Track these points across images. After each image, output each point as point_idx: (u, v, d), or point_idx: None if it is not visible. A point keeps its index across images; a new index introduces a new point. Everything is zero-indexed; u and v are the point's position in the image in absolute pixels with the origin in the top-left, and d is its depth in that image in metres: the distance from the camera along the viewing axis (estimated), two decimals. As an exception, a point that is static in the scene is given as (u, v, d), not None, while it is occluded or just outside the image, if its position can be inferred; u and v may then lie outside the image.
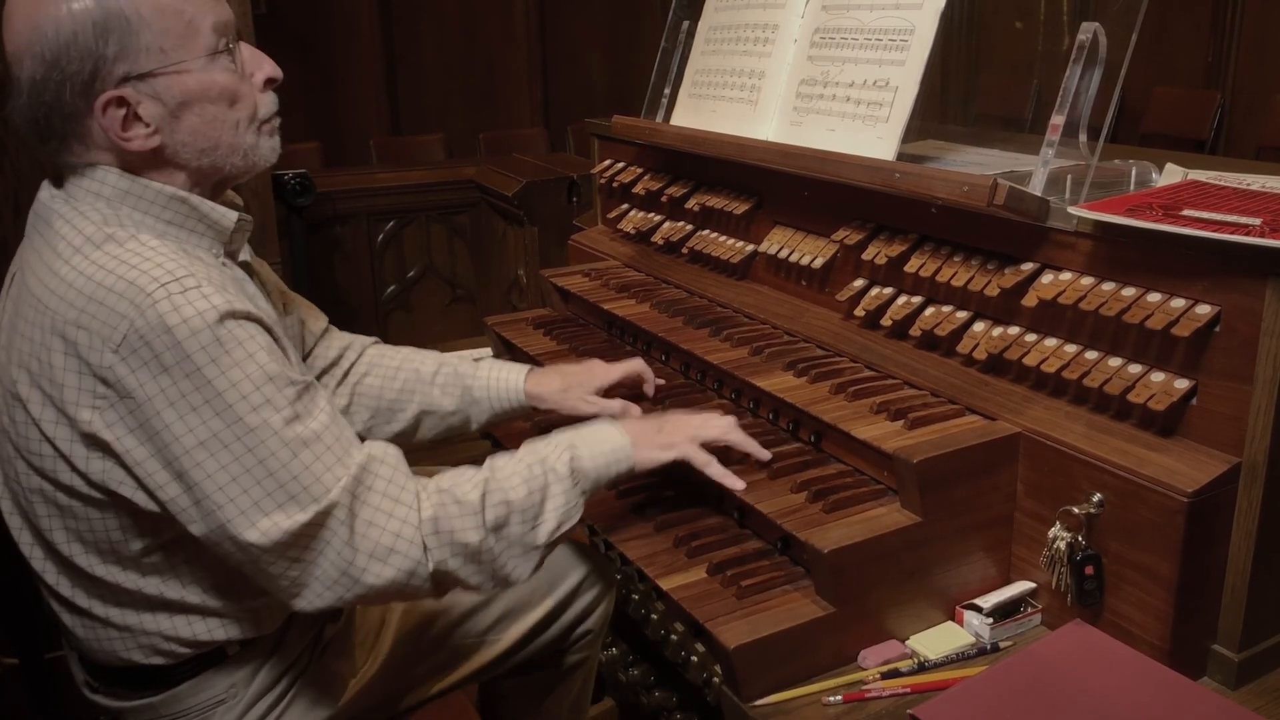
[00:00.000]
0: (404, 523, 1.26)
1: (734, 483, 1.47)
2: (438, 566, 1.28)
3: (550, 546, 1.38)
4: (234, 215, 1.33)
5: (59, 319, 1.17)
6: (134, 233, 1.23)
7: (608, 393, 1.75)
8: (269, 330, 1.25)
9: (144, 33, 1.20)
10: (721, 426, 1.52)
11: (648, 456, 1.47)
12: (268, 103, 1.35)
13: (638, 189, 2.31)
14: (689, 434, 1.49)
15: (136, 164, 1.26)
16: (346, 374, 1.73)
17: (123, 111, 1.22)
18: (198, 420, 1.16)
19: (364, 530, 1.24)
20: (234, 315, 1.19)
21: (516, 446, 1.85)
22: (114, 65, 1.19)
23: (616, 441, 1.45)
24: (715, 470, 1.48)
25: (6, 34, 1.21)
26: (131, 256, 1.19)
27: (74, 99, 1.20)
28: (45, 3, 1.18)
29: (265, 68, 1.35)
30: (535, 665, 1.78)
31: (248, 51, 1.33)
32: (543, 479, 1.36)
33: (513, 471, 1.36)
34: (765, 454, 1.52)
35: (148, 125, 1.23)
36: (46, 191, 1.29)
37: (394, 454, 1.31)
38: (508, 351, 2.19)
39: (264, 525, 1.19)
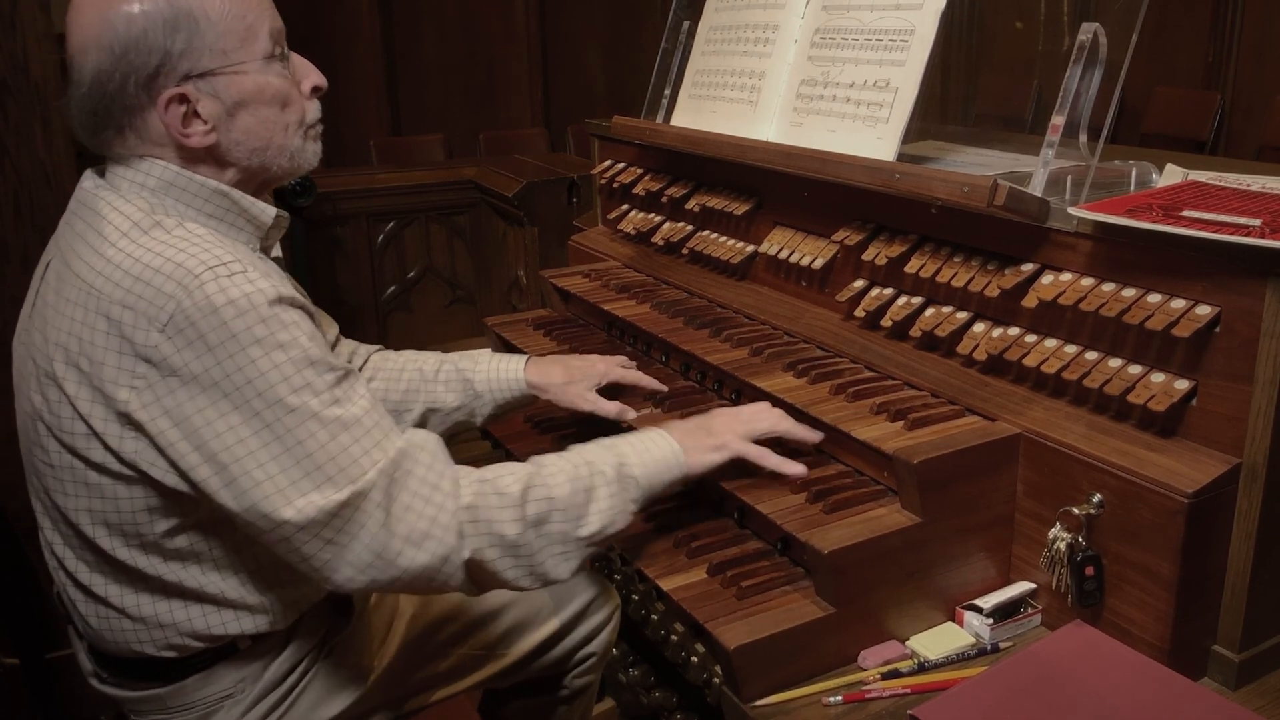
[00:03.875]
0: (440, 508, 1.26)
1: (794, 469, 1.45)
2: (473, 555, 1.28)
3: (593, 548, 1.37)
4: (272, 211, 1.37)
5: (105, 299, 1.20)
6: (180, 221, 1.26)
7: (607, 392, 1.75)
8: (311, 316, 1.28)
9: (209, 32, 1.25)
10: (772, 418, 1.51)
11: (700, 460, 1.45)
12: (314, 109, 1.40)
13: (638, 189, 2.31)
14: (740, 431, 1.48)
15: (189, 159, 1.30)
16: None
17: (184, 108, 1.26)
18: (241, 399, 1.18)
19: (400, 514, 1.24)
20: (280, 300, 1.21)
21: (515, 446, 1.87)
22: (179, 62, 1.24)
23: (667, 448, 1.43)
24: (772, 461, 1.46)
25: (74, 28, 1.25)
26: (179, 241, 1.22)
27: (137, 91, 1.24)
28: (117, 0, 1.22)
29: (312, 76, 1.40)
30: (538, 685, 1.78)
31: (296, 60, 1.38)
32: (589, 480, 1.35)
33: (558, 469, 1.35)
34: (816, 435, 1.52)
35: (205, 122, 1.28)
36: (90, 180, 1.32)
37: (434, 441, 1.31)
38: (508, 352, 2.19)
39: (300, 504, 1.19)
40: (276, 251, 1.43)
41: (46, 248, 1.38)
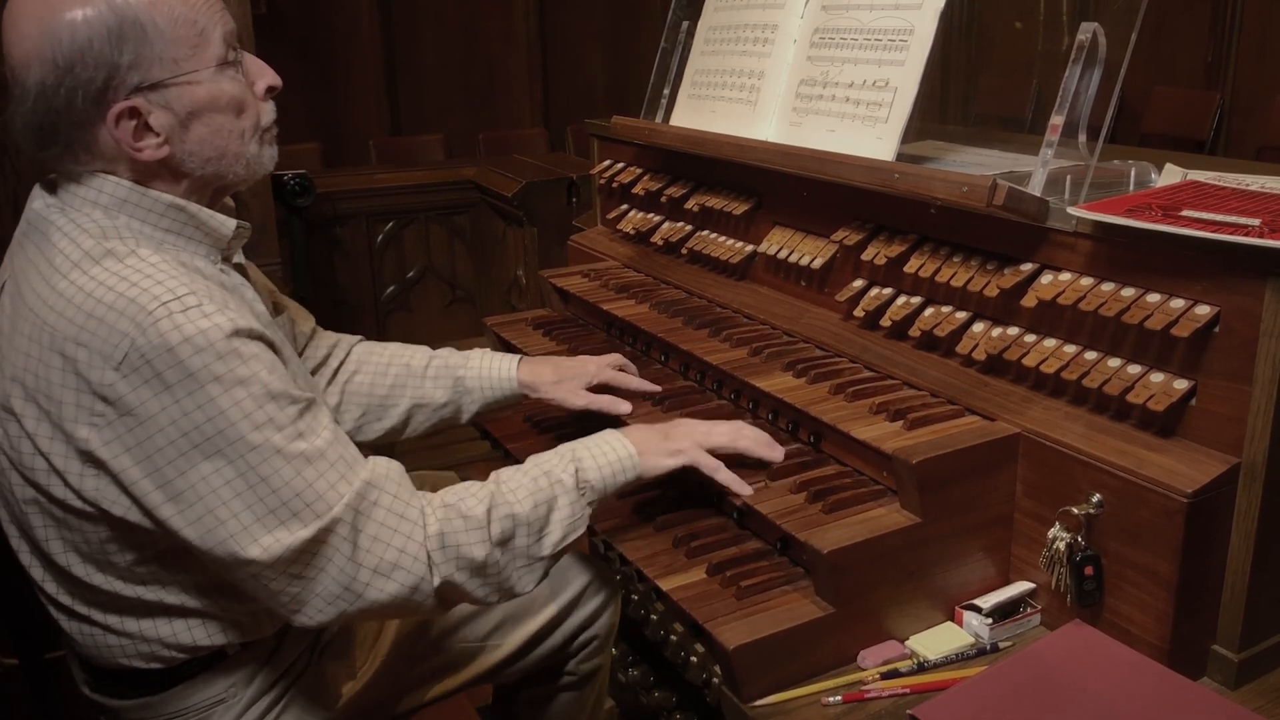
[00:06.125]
0: (408, 539, 1.25)
1: (741, 489, 1.45)
2: (444, 581, 1.28)
3: (556, 558, 1.37)
4: (232, 223, 1.33)
5: (58, 336, 1.16)
6: (133, 247, 1.22)
7: (598, 391, 1.75)
8: (271, 345, 1.25)
9: (158, 42, 1.20)
10: (729, 432, 1.50)
11: (654, 464, 1.46)
12: (268, 111, 1.36)
13: (637, 189, 2.31)
14: (695, 439, 1.48)
15: (141, 173, 1.25)
16: (336, 373, 1.73)
17: (134, 122, 1.21)
18: (202, 437, 1.16)
19: (368, 546, 1.23)
20: (237, 333, 1.18)
21: (514, 445, 1.87)
22: (127, 74, 1.19)
23: (622, 450, 1.44)
24: (724, 476, 1.46)
25: (12, 39, 1.19)
26: (131, 273, 1.18)
27: (85, 106, 1.19)
28: (58, 8, 1.17)
29: (266, 76, 1.35)
30: (543, 675, 1.77)
31: (249, 60, 1.33)
32: (549, 491, 1.35)
33: (518, 485, 1.35)
34: (777, 455, 1.51)
35: (158, 135, 1.23)
36: (41, 200, 1.27)
37: (397, 470, 1.30)
38: (507, 352, 2.19)
39: (266, 541, 1.18)
40: (239, 257, 1.40)
41: (2, 266, 1.33)
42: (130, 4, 1.18)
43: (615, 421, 1.70)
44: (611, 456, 1.43)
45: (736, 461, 1.51)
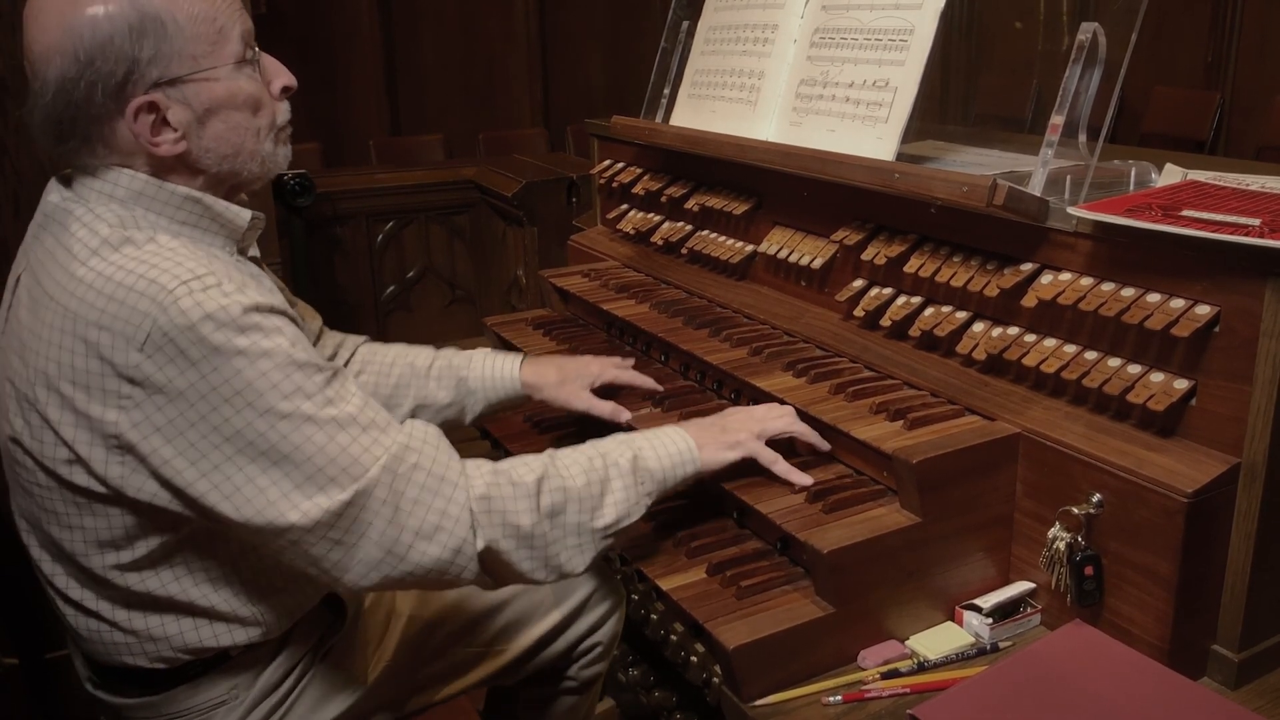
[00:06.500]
0: (450, 500, 1.26)
1: (801, 479, 1.46)
2: (488, 545, 1.28)
3: (608, 540, 1.37)
4: (247, 214, 1.34)
5: (80, 321, 1.17)
6: (151, 234, 1.23)
7: (603, 393, 1.75)
8: (293, 320, 1.26)
9: (177, 38, 1.21)
10: (786, 419, 1.52)
11: (714, 457, 1.46)
12: (284, 111, 1.37)
13: (637, 189, 2.31)
14: (754, 430, 1.49)
15: (157, 167, 1.26)
16: None
17: (153, 116, 1.22)
18: (231, 411, 1.16)
19: (409, 508, 1.24)
20: (257, 309, 1.19)
21: (514, 445, 1.87)
22: (147, 69, 1.20)
23: (682, 444, 1.45)
24: (781, 468, 1.47)
25: (33, 32, 1.21)
26: (151, 257, 1.19)
27: (105, 100, 1.20)
28: (80, 3, 1.18)
29: (282, 77, 1.36)
30: (543, 679, 1.77)
31: (266, 59, 1.35)
32: (603, 472, 1.36)
33: (573, 461, 1.36)
34: (825, 445, 1.53)
35: (175, 130, 1.24)
36: (57, 194, 1.29)
37: (435, 433, 1.31)
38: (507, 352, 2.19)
39: (305, 506, 1.19)
40: (254, 251, 1.41)
41: (16, 260, 1.34)
42: (151, 0, 1.20)
43: (616, 427, 1.70)
44: (671, 449, 1.43)
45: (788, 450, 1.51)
